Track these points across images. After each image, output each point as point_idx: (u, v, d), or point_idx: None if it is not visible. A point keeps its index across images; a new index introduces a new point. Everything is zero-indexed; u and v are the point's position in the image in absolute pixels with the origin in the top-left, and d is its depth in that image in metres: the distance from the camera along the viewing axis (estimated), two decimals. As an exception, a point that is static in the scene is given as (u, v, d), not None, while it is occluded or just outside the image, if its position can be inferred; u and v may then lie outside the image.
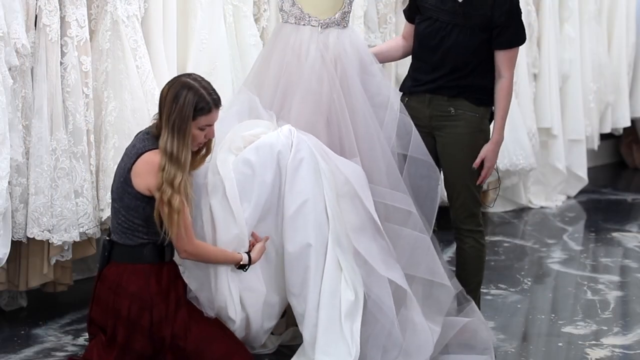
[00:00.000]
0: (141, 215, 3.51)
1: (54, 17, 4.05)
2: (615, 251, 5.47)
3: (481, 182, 3.96)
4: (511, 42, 3.93)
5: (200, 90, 3.50)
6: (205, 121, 3.51)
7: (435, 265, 3.83)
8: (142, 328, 3.50)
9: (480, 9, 3.86)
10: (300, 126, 3.75)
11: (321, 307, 3.59)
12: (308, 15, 3.84)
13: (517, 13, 3.94)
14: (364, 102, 3.83)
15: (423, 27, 3.97)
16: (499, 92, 3.93)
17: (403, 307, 3.70)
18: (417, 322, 3.69)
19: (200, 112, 3.48)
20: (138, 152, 3.52)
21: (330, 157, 3.69)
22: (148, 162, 3.47)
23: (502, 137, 3.97)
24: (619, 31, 7.08)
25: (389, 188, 3.79)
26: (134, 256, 3.54)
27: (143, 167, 3.48)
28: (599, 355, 3.95)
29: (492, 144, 3.94)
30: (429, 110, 3.96)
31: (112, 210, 3.61)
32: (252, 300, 3.63)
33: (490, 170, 3.96)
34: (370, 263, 3.63)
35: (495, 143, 3.94)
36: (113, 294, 3.52)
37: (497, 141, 3.95)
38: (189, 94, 3.47)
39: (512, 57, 3.95)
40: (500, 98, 3.93)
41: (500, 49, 3.92)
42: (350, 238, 3.63)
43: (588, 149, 6.82)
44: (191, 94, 3.48)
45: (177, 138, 3.46)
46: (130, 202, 3.51)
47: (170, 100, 3.47)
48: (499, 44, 3.91)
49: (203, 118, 3.50)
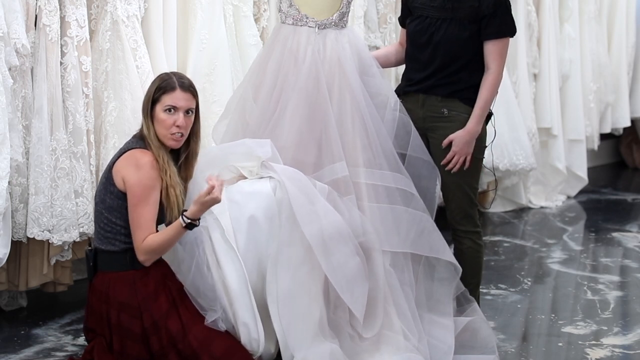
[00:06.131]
0: (123, 215, 3.50)
1: (54, 17, 4.05)
2: (615, 251, 5.47)
3: (450, 167, 3.90)
4: (499, 32, 3.87)
5: (169, 74, 3.61)
6: (170, 100, 3.52)
7: (441, 244, 3.85)
8: (134, 335, 3.49)
9: (468, 0, 3.85)
10: (294, 127, 3.76)
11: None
12: (305, 16, 3.85)
13: (505, 3, 3.88)
14: (365, 100, 3.84)
15: (413, 26, 3.97)
16: (484, 83, 3.88)
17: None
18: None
19: (163, 91, 3.53)
20: (121, 151, 3.55)
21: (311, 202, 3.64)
22: (129, 157, 3.50)
23: (477, 129, 3.89)
24: (619, 31, 7.09)
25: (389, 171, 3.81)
26: (119, 263, 3.53)
27: (123, 163, 3.50)
28: (599, 355, 3.95)
29: (463, 131, 3.88)
30: (423, 111, 3.96)
31: (95, 214, 3.60)
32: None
33: (458, 156, 3.89)
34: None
35: (467, 131, 3.88)
36: (104, 304, 3.52)
37: (469, 130, 3.88)
38: (158, 76, 3.61)
39: (500, 48, 3.88)
40: (483, 89, 3.88)
41: (488, 40, 3.87)
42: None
43: (588, 149, 6.82)
44: (157, 78, 3.59)
45: (147, 120, 3.54)
46: (113, 202, 3.51)
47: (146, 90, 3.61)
48: (486, 35, 3.87)
49: (166, 97, 3.52)
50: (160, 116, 3.53)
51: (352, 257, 3.63)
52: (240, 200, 3.62)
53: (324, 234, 3.58)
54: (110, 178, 3.51)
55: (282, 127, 3.80)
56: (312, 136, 3.81)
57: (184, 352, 3.48)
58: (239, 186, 3.67)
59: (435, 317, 3.83)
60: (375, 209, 3.79)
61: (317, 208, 3.60)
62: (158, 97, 3.53)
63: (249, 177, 3.72)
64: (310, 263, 3.59)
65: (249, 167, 3.72)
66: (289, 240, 3.58)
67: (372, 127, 3.83)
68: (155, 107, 3.53)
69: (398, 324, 3.70)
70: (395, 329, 3.70)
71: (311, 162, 3.80)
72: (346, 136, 3.82)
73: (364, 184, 3.81)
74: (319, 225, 3.58)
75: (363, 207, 3.79)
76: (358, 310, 3.63)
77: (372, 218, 3.78)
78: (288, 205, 3.57)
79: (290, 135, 3.79)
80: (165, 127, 3.53)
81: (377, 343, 3.69)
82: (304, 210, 3.57)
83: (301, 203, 3.58)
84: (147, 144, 3.53)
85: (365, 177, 3.81)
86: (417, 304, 3.79)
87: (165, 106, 3.52)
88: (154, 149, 3.51)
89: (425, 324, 3.78)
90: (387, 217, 3.80)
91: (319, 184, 3.70)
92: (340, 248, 3.61)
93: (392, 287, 3.74)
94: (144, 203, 3.45)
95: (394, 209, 3.80)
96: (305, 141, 3.80)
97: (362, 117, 3.83)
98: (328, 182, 3.74)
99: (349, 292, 3.62)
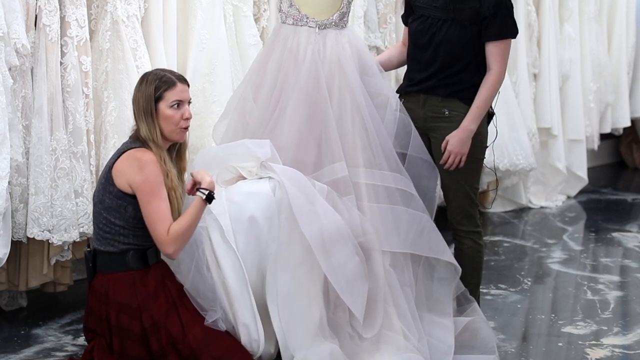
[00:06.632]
0: (123, 215, 3.50)
1: (54, 17, 4.05)
2: (615, 251, 5.47)
3: (448, 167, 3.90)
4: (500, 33, 3.86)
5: (159, 71, 3.61)
6: (174, 96, 3.54)
7: (441, 244, 3.85)
8: (134, 335, 3.49)
9: (469, 1, 3.85)
10: (294, 127, 3.76)
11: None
12: (305, 16, 3.85)
13: (505, 5, 3.87)
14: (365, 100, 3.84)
15: (415, 26, 3.97)
16: (484, 82, 3.87)
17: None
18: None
19: (165, 87, 3.53)
20: (120, 151, 3.55)
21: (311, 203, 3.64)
22: (129, 157, 3.49)
23: (472, 128, 3.87)
24: (619, 31, 7.09)
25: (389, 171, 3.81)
26: (118, 264, 3.53)
27: (124, 163, 3.49)
28: (599, 355, 3.95)
29: (458, 130, 3.87)
30: (424, 111, 3.96)
31: (94, 215, 3.59)
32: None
33: (454, 155, 3.88)
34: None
35: (462, 130, 3.87)
36: (103, 305, 3.51)
37: (464, 128, 3.87)
38: (149, 77, 3.58)
39: (501, 50, 3.88)
40: (482, 88, 3.87)
41: (489, 41, 3.86)
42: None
43: (588, 149, 6.82)
44: (151, 75, 3.58)
45: (148, 121, 3.52)
46: (112, 202, 3.50)
47: (136, 92, 3.57)
48: (487, 36, 3.86)
49: (170, 93, 3.54)
50: (166, 113, 3.53)
51: (352, 257, 3.63)
52: (240, 200, 3.62)
53: (323, 234, 3.58)
54: (110, 178, 3.51)
55: (282, 127, 3.80)
56: (312, 136, 3.81)
57: (184, 353, 3.48)
58: (238, 187, 3.67)
59: (435, 317, 3.83)
60: (375, 209, 3.80)
61: (316, 208, 3.60)
62: (160, 95, 3.53)
63: (248, 178, 3.72)
64: (310, 263, 3.59)
65: (248, 167, 3.72)
66: (288, 241, 3.58)
67: (372, 127, 3.83)
68: (159, 105, 3.53)
69: (398, 324, 3.70)
70: (395, 329, 3.70)
71: (311, 162, 3.80)
72: (346, 136, 3.82)
73: (363, 184, 3.81)
74: (319, 225, 3.59)
75: (363, 208, 3.79)
76: (358, 310, 3.63)
77: (372, 218, 3.78)
78: (287, 205, 3.57)
79: (290, 135, 3.79)
80: (174, 123, 3.54)
81: (377, 343, 3.69)
82: (303, 210, 3.57)
83: (301, 203, 3.58)
84: (148, 147, 3.52)
85: (365, 178, 3.81)
86: (416, 304, 3.79)
87: (172, 102, 3.53)
88: (155, 150, 3.51)
89: (425, 324, 3.78)
90: (387, 218, 3.80)
91: (319, 184, 3.70)
92: (339, 248, 3.61)
93: (392, 287, 3.74)
94: (157, 198, 3.46)
95: (393, 209, 3.80)
96: (305, 141, 3.80)
97: (362, 117, 3.83)
98: (328, 182, 3.74)
99: (349, 292, 3.62)
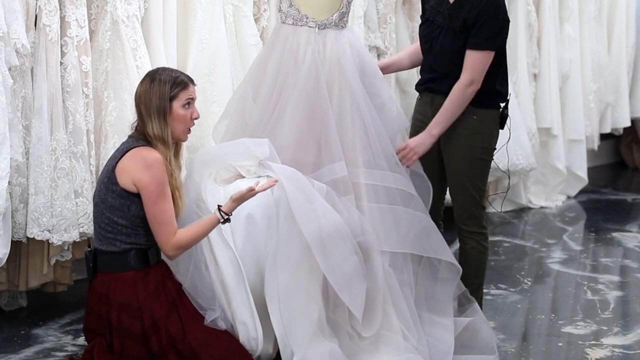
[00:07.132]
0: (126, 214, 3.50)
1: (54, 17, 4.05)
2: (615, 251, 5.47)
3: (401, 158, 3.89)
4: (475, 43, 3.80)
5: (170, 71, 3.60)
6: (186, 95, 3.55)
7: (441, 244, 3.86)
8: (134, 335, 3.49)
9: (462, 11, 3.84)
10: (294, 127, 3.77)
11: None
12: (305, 17, 3.85)
13: (491, 17, 3.79)
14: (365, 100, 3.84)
15: (422, 29, 4.01)
16: (451, 92, 3.85)
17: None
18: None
19: (179, 87, 3.54)
20: (123, 150, 3.53)
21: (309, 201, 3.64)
22: (135, 156, 3.48)
23: (435, 133, 3.86)
24: (619, 31, 7.09)
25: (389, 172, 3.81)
26: (119, 264, 3.52)
27: (129, 162, 3.48)
28: (599, 355, 3.95)
29: (423, 133, 3.88)
30: (432, 110, 3.97)
31: (95, 215, 3.58)
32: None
33: (408, 149, 3.87)
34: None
35: (425, 131, 3.88)
36: (104, 305, 3.51)
37: (427, 131, 3.87)
38: (162, 75, 3.55)
39: (474, 59, 3.81)
40: (448, 96, 3.85)
41: (468, 49, 3.83)
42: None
43: (588, 149, 6.82)
44: (164, 74, 3.56)
45: (160, 120, 3.51)
46: (115, 201, 3.50)
47: (146, 90, 3.53)
48: (468, 43, 3.83)
49: (183, 93, 3.54)
50: (179, 112, 3.54)
51: (350, 256, 3.64)
52: None
53: (322, 233, 3.58)
54: (113, 177, 3.50)
55: (281, 127, 3.80)
56: (311, 136, 3.81)
57: (184, 352, 3.48)
58: (236, 185, 3.67)
59: (435, 317, 3.83)
60: (375, 209, 3.80)
61: (315, 207, 3.61)
62: (175, 94, 3.53)
63: (246, 177, 3.72)
64: (309, 262, 3.59)
65: (247, 166, 3.72)
66: (287, 239, 3.58)
67: (372, 128, 3.84)
68: (172, 104, 3.53)
69: (397, 324, 3.70)
70: (394, 329, 3.70)
71: (310, 162, 3.80)
72: (346, 136, 3.83)
73: (363, 184, 3.81)
74: (317, 223, 3.59)
75: (362, 208, 3.79)
76: (356, 309, 3.63)
77: (372, 218, 3.78)
78: (286, 203, 3.58)
79: (289, 135, 3.79)
80: (185, 122, 3.56)
81: (377, 343, 3.69)
82: (302, 208, 3.58)
83: (299, 202, 3.58)
84: (154, 146, 3.52)
85: (365, 178, 3.81)
86: (416, 304, 3.79)
87: (184, 101, 3.55)
88: (162, 150, 3.51)
89: (425, 324, 3.78)
90: (386, 218, 3.80)
91: (317, 183, 3.70)
92: (338, 247, 3.61)
93: (391, 287, 3.74)
94: (162, 199, 3.46)
95: (393, 210, 3.81)
96: (304, 141, 3.80)
97: (361, 117, 3.83)
98: (327, 182, 3.74)
99: (348, 291, 3.62)
